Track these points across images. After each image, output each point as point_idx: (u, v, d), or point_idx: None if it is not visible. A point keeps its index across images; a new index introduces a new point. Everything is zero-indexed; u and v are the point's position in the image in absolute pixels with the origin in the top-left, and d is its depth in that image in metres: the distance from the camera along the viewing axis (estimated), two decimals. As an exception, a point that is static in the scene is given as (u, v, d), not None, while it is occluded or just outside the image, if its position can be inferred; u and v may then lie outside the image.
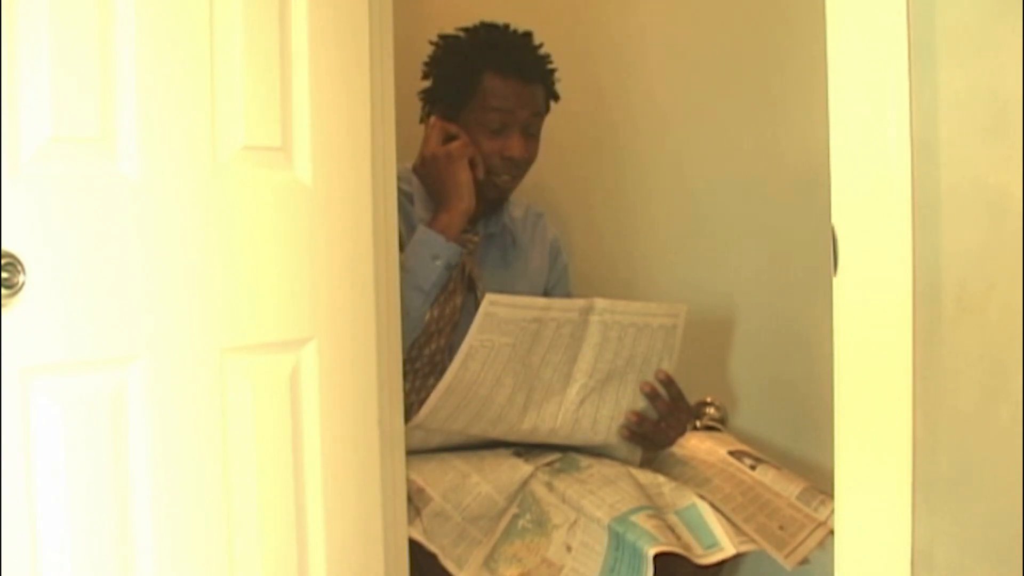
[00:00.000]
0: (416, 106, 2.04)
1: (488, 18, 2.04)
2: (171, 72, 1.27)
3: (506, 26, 2.04)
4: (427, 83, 2.05)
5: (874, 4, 1.13)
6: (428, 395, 1.78)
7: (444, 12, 2.36)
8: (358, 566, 1.50)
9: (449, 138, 1.98)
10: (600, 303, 1.81)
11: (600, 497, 1.75)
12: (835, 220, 1.17)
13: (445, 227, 1.93)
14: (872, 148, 1.15)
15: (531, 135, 2.02)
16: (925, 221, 1.13)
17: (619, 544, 1.68)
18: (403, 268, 1.86)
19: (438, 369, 1.90)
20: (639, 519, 1.69)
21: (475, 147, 1.97)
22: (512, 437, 1.85)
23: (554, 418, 1.84)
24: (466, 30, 2.04)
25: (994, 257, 1.12)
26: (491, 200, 2.04)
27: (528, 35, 2.04)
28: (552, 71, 2.04)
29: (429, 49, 2.06)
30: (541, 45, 2.04)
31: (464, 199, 1.95)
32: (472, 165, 1.97)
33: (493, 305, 1.75)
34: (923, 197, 1.13)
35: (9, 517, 1.15)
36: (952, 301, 1.13)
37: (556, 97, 2.06)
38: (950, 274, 1.13)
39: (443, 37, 2.05)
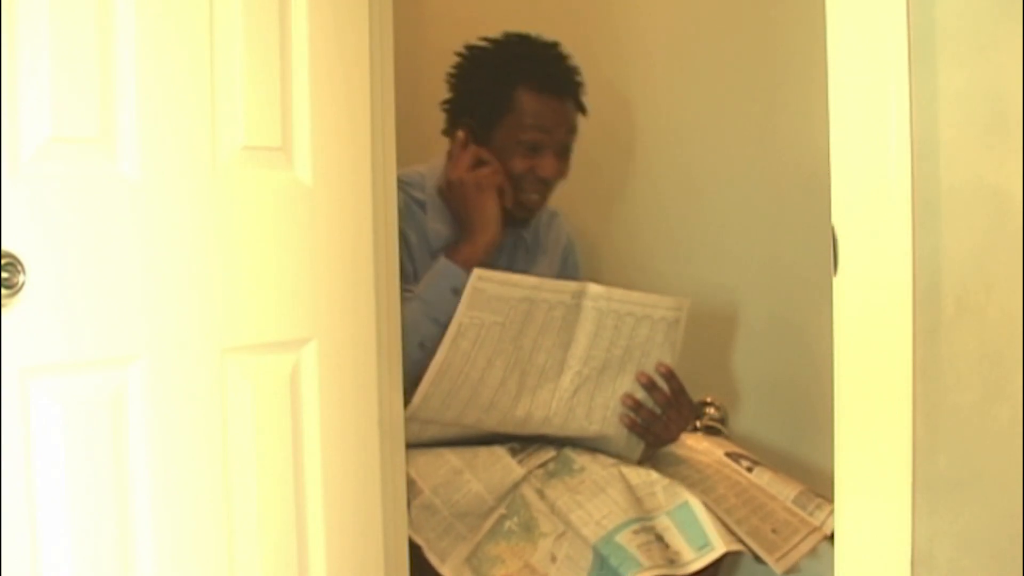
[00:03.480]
0: (418, 106, 2.02)
1: (489, 18, 2.02)
2: (171, 72, 1.27)
3: (535, 37, 1.96)
4: (450, 94, 1.97)
5: (874, 4, 1.14)
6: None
7: (444, 12, 2.36)
8: (358, 565, 1.50)
9: (478, 162, 1.91)
10: (594, 288, 1.79)
11: (588, 512, 1.74)
12: (835, 220, 1.17)
13: (467, 260, 1.85)
14: (872, 148, 1.15)
15: (564, 153, 1.96)
16: (925, 221, 1.13)
17: (602, 566, 1.68)
18: (420, 298, 1.85)
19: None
20: (624, 538, 1.69)
21: (506, 164, 1.91)
22: (506, 427, 1.82)
23: (547, 406, 1.81)
24: (494, 41, 1.97)
25: (994, 257, 1.12)
26: (518, 219, 1.97)
27: (557, 45, 1.97)
28: (581, 83, 1.97)
29: (431, 51, 2.01)
30: (570, 56, 1.97)
31: (489, 231, 1.89)
32: (500, 194, 1.91)
33: (482, 280, 1.73)
34: (923, 197, 1.13)
35: (9, 517, 1.15)
36: (952, 301, 1.13)
37: (584, 110, 1.99)
38: (950, 274, 1.13)
39: (470, 48, 1.98)
